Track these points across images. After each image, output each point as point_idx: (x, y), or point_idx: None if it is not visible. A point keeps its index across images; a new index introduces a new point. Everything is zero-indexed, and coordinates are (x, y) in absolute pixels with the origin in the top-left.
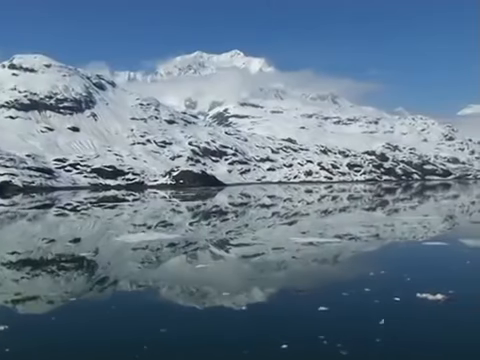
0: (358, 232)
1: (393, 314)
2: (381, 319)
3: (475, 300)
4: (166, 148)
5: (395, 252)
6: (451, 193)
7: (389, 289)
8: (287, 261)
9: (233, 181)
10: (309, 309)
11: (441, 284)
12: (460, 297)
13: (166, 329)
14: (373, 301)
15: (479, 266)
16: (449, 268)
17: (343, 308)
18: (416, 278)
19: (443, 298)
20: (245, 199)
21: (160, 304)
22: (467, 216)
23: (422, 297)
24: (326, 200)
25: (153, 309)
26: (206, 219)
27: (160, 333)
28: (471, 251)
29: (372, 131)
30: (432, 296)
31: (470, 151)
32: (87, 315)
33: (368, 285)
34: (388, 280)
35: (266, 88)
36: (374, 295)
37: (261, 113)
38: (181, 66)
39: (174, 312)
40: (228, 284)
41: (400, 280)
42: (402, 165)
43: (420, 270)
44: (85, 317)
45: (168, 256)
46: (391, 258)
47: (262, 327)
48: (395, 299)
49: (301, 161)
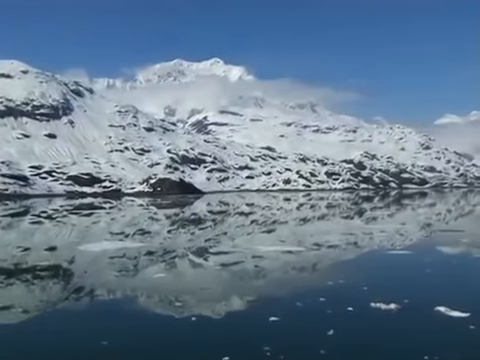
0: (336, 240)
1: (342, 324)
2: (330, 330)
3: (426, 309)
4: (144, 156)
5: (362, 261)
6: (428, 201)
7: (345, 299)
8: (251, 270)
9: (212, 189)
10: (259, 319)
11: (397, 293)
12: (413, 306)
13: (139, 337)
14: (326, 311)
15: (438, 275)
16: (409, 277)
17: (293, 318)
18: (374, 287)
19: (396, 308)
20: (224, 207)
21: (136, 312)
22: (443, 224)
23: (375, 307)
24: (304, 208)
25: (128, 318)
26: (184, 227)
27: (133, 341)
28: (434, 260)
29: (350, 140)
30: (385, 305)
31: (446, 160)
32: (63, 324)
33: (325, 294)
34: (346, 289)
35: (245, 96)
36: (328, 305)
37: (240, 121)
38: (161, 73)
39: (149, 320)
40: (196, 292)
41: (358, 289)
42: (380, 174)
43: (380, 279)
44: (60, 326)
45: (145, 264)
46: (356, 267)
47: (205, 338)
48: (348, 309)
49: (280, 169)
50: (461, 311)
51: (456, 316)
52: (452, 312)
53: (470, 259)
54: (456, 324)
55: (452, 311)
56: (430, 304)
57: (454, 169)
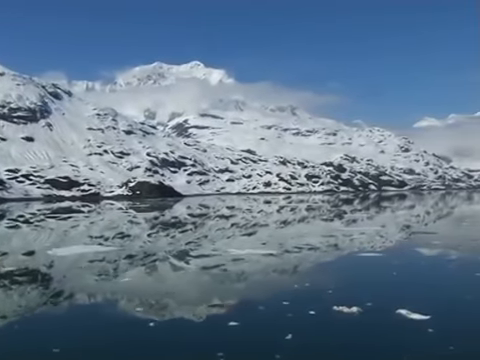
0: (315, 243)
1: (301, 328)
2: (288, 334)
3: (387, 312)
4: (124, 159)
5: (334, 264)
6: (407, 204)
7: (308, 302)
8: (220, 274)
9: (192, 192)
10: (218, 324)
11: (361, 296)
12: (374, 309)
13: (117, 340)
14: (287, 315)
15: (404, 277)
16: (376, 280)
17: (253, 323)
18: (340, 290)
19: (358, 311)
20: (204, 210)
21: (115, 316)
22: (422, 226)
23: (337, 310)
24: (285, 211)
25: (107, 321)
26: (164, 230)
27: (111, 344)
28: (403, 262)
29: (330, 143)
30: (347, 309)
31: (425, 162)
32: (41, 329)
33: (290, 298)
34: (312, 293)
35: (226, 99)
36: (290, 309)
37: (221, 124)
38: (140, 76)
39: (129, 324)
40: (160, 296)
41: (323, 292)
42: (359, 176)
43: (347, 282)
44: (38, 331)
45: (126, 268)
46: (327, 270)
47: (158, 343)
48: (310, 312)
49: (260, 172)
50: (422, 314)
51: (416, 319)
52: (413, 315)
53: (437, 261)
54: (415, 327)
55: (413, 314)
56: (392, 307)
57: (433, 171)
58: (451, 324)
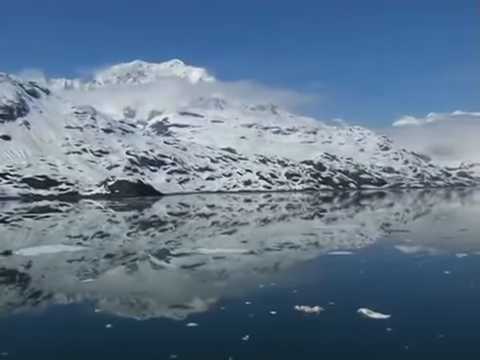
0: (292, 241)
1: (260, 329)
2: (246, 335)
3: (349, 312)
4: (103, 157)
5: (304, 262)
6: (386, 202)
7: (271, 302)
8: (189, 274)
9: (172, 190)
10: (177, 324)
11: (325, 295)
12: (336, 309)
13: (96, 338)
14: (248, 315)
15: (370, 276)
16: (341, 278)
17: (212, 323)
18: (304, 289)
19: (319, 310)
20: (184, 209)
21: (94, 315)
22: (401, 224)
23: (299, 309)
24: (265, 209)
25: (87, 320)
26: (144, 229)
27: (90, 342)
28: (371, 261)
29: (311, 141)
30: (309, 308)
31: (404, 161)
32: (18, 328)
33: (253, 298)
34: (277, 292)
35: (206, 98)
36: (252, 309)
37: (201, 122)
38: (120, 74)
39: (108, 322)
40: (122, 296)
41: (288, 292)
42: (339, 174)
43: (313, 281)
44: (15, 331)
45: (106, 267)
46: (295, 269)
47: (118, 343)
48: (271, 312)
49: (240, 170)
50: (382, 313)
51: (376, 318)
52: (373, 314)
53: (407, 260)
54: (373, 326)
55: (373, 313)
56: (354, 306)
57: (412, 170)
58: (409, 323)
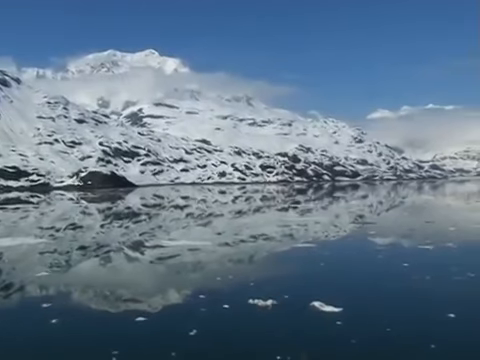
0: (260, 233)
1: (209, 323)
2: (193, 330)
3: (301, 305)
4: (75, 148)
5: (268, 255)
6: (359, 194)
7: (225, 296)
8: (147, 269)
9: (146, 182)
10: (125, 320)
11: (280, 288)
12: (289, 302)
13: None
14: (199, 309)
15: (328, 268)
16: (300, 271)
17: (161, 318)
18: (261, 282)
19: (272, 304)
20: (158, 200)
21: (68, 308)
22: (374, 216)
23: (252, 303)
24: (240, 201)
25: (60, 313)
26: (118, 221)
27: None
28: (333, 253)
29: (286, 133)
30: (263, 302)
31: (378, 153)
32: None
33: (208, 292)
34: (233, 286)
35: (181, 89)
36: (205, 303)
37: (176, 114)
38: (93, 64)
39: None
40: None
41: (244, 285)
42: (313, 166)
43: (272, 274)
44: None
45: (79, 259)
46: (258, 261)
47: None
48: (223, 306)
49: (215, 162)
50: (334, 306)
51: (328, 311)
52: (326, 307)
53: (367, 252)
54: (324, 320)
55: (326, 306)
56: (307, 299)
57: (385, 162)
58: (360, 316)
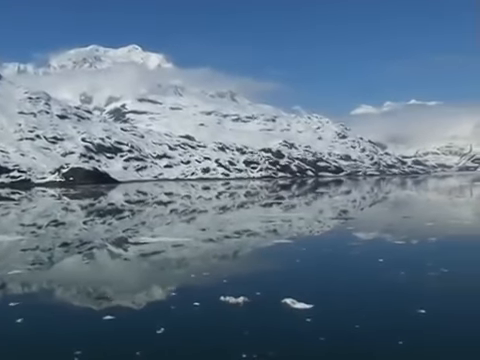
0: (243, 229)
1: (177, 321)
2: (161, 328)
3: (273, 302)
4: (57, 144)
5: (245, 251)
6: (343, 189)
7: (197, 293)
8: (125, 265)
9: (129, 178)
10: (93, 318)
11: (253, 285)
12: (261, 299)
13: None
14: (170, 307)
15: (303, 265)
16: (275, 267)
17: (130, 316)
18: (235, 279)
19: (244, 301)
20: (141, 196)
21: (36, 306)
22: (351, 211)
23: (224, 301)
24: (224, 197)
25: (26, 311)
26: (101, 217)
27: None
28: (309, 249)
29: (270, 129)
30: (234, 299)
31: (361, 149)
32: None
33: (181, 289)
34: (207, 282)
35: (165, 84)
36: (176, 300)
37: (159, 109)
38: (76, 59)
39: (47, 313)
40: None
41: (217, 282)
42: (297, 162)
43: (247, 270)
44: None
45: (61, 257)
46: (234, 257)
47: None
48: (194, 304)
49: (199, 158)
50: (306, 303)
51: (299, 308)
52: (297, 304)
53: (343, 248)
54: (294, 316)
55: (297, 303)
56: (279, 296)
57: (368, 158)
58: (331, 313)
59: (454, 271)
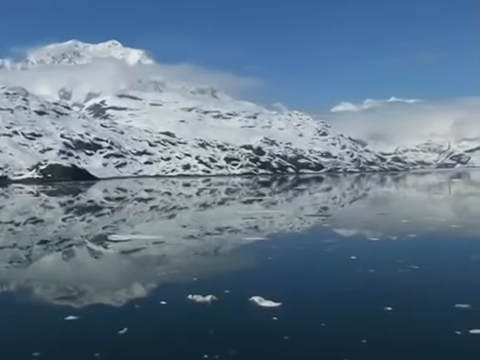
0: (231, 225)
1: (142, 320)
2: (123, 328)
3: (240, 300)
4: (35, 140)
5: (217, 249)
6: (323, 186)
7: (166, 291)
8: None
9: (108, 175)
10: (56, 319)
11: (222, 283)
12: (229, 298)
13: None
14: (134, 306)
15: (275, 262)
16: (246, 265)
17: (93, 316)
18: (206, 277)
19: (211, 299)
20: (121, 193)
21: (15, 304)
22: (330, 208)
23: (191, 299)
24: (204, 193)
25: (22, 308)
26: (80, 215)
27: None
28: (283, 246)
29: (251, 126)
30: (202, 297)
31: (341, 146)
32: None
33: (149, 287)
34: (178, 280)
35: (145, 80)
36: (143, 299)
37: (140, 105)
38: (55, 54)
39: (6, 314)
40: None
41: (187, 280)
42: (278, 159)
43: (218, 268)
44: None
45: (37, 255)
46: (206, 255)
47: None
48: (161, 302)
49: (179, 154)
50: (273, 301)
51: (266, 306)
52: (264, 302)
53: (316, 245)
54: (260, 315)
55: (265, 301)
56: (247, 294)
57: (348, 155)
58: (297, 312)
59: (424, 269)
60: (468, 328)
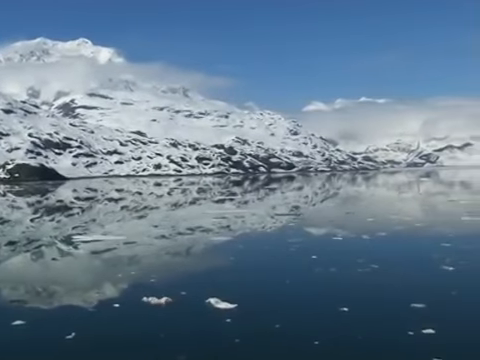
0: (200, 225)
1: (91, 325)
2: (72, 333)
3: (196, 302)
4: (2, 140)
5: (182, 249)
6: (295, 185)
7: (120, 294)
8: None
9: (78, 175)
10: (2, 324)
11: (180, 285)
12: (185, 299)
13: None
14: (86, 310)
15: (237, 263)
16: (207, 266)
17: (43, 320)
18: (164, 278)
19: (166, 301)
20: (91, 193)
21: None
22: (298, 207)
23: (146, 301)
24: (176, 193)
25: None
26: (49, 215)
27: None
28: (249, 246)
29: (223, 125)
30: (157, 299)
31: (313, 145)
32: None
33: (105, 290)
34: (134, 282)
35: (116, 79)
36: (98, 302)
37: (110, 105)
38: (22, 52)
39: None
40: None
41: (144, 282)
42: (250, 158)
43: (178, 269)
44: None
45: (7, 255)
46: (168, 256)
47: None
48: (114, 305)
49: (150, 154)
50: (229, 302)
51: (221, 308)
52: (220, 304)
53: (280, 245)
54: (215, 317)
55: (221, 303)
56: (204, 296)
57: (320, 154)
58: (253, 313)
59: (383, 268)
60: (421, 328)
